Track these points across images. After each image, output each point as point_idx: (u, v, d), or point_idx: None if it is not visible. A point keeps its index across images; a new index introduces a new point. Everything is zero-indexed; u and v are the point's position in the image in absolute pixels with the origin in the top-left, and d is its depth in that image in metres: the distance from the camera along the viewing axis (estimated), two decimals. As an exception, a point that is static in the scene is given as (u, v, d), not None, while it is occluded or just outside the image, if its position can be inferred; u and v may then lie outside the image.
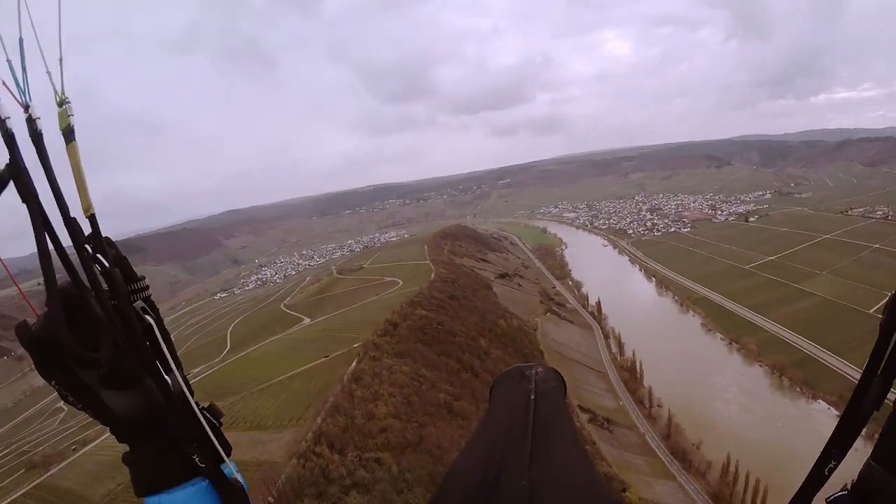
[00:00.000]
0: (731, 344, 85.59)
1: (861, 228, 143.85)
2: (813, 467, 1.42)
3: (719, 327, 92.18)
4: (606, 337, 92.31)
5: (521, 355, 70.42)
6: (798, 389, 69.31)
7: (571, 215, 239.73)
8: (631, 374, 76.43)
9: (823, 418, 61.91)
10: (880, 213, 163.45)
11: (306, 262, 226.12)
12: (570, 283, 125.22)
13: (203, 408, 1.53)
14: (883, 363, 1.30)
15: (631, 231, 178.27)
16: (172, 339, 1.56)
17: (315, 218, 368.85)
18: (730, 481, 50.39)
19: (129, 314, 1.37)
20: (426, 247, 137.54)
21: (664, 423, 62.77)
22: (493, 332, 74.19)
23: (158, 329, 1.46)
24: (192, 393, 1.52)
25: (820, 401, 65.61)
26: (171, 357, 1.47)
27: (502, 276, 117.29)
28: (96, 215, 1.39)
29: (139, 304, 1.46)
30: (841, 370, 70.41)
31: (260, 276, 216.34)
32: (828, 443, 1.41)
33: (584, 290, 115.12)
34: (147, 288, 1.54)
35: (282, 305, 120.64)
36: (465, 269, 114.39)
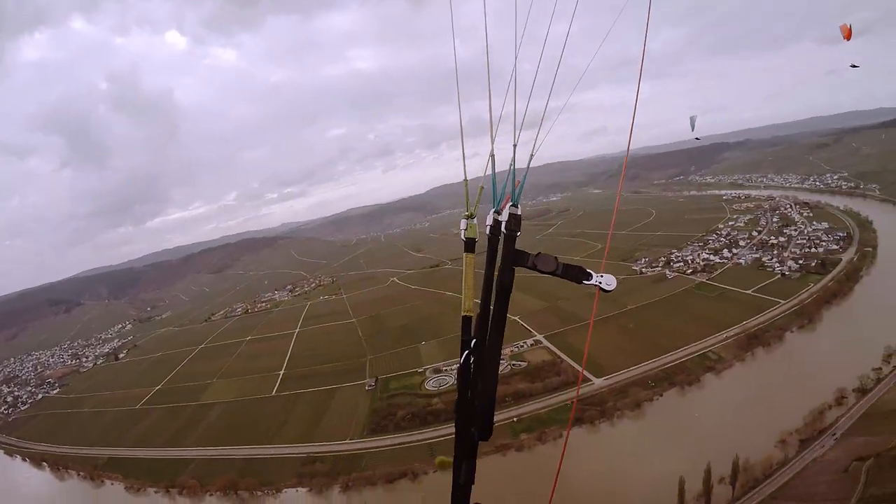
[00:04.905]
0: (167, 493, 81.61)
1: (229, 328, 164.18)
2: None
3: (146, 483, 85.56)
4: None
5: None
6: (259, 493, 75.37)
7: None
8: None
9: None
10: (240, 309, 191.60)
11: None
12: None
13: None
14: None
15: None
16: None
17: None
18: None
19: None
20: None
21: None
22: None
23: None
24: None
25: (297, 489, 73.81)
26: None
27: None
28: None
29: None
30: (284, 454, 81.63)
31: None
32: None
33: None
34: None
35: None
36: None
